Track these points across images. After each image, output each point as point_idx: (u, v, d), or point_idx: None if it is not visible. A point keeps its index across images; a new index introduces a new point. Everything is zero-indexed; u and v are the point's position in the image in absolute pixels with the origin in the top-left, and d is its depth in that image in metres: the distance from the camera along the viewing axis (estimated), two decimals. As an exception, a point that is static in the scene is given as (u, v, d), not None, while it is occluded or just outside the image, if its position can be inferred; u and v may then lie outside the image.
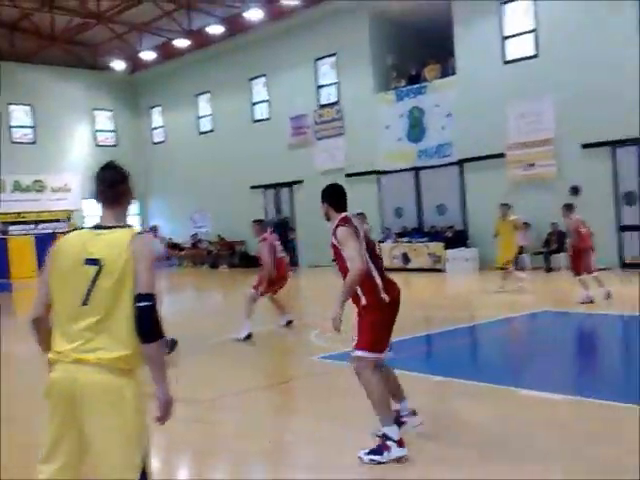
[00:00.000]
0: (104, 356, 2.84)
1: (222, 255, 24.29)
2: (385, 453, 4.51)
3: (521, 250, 14.17)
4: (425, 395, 5.97)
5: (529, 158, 16.66)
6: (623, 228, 15.38)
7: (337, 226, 4.72)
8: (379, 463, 4.49)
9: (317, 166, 21.47)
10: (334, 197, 4.93)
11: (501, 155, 17.15)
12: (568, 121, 15.89)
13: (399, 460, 4.50)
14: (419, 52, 19.68)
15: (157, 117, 28.63)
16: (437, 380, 6.67)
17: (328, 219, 4.90)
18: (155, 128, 28.71)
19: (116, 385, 2.84)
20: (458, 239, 17.86)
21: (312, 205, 18.63)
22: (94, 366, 2.83)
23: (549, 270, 15.90)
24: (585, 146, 15.69)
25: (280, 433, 5.66)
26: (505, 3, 17.22)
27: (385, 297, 4.67)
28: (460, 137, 18.01)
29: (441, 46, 18.78)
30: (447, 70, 18.83)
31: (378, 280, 4.69)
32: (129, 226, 3.06)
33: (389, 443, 4.52)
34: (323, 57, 21.59)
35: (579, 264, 10.94)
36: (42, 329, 3.04)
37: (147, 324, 2.86)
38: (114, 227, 3.01)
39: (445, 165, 18.58)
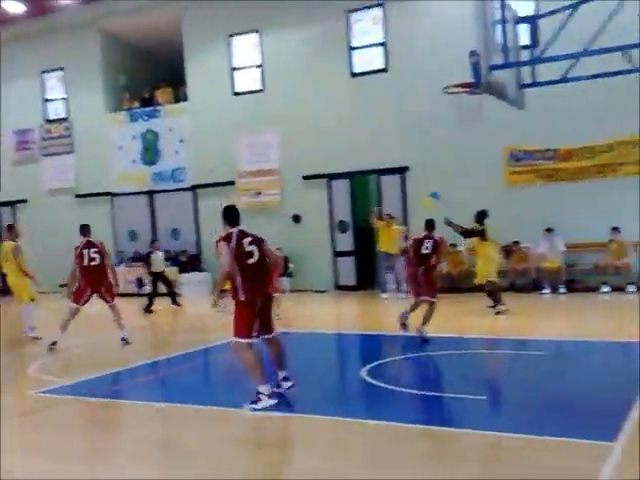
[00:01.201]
0: None
1: None
2: (259, 403, 6.26)
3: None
4: (149, 423, 6.20)
5: (257, 186, 17.72)
6: (337, 254, 17.06)
7: (218, 240, 6.38)
8: (256, 410, 6.23)
9: (44, 184, 20.46)
10: (227, 216, 6.59)
11: (231, 183, 17.99)
12: (291, 153, 17.24)
13: (269, 408, 6.21)
14: (153, 75, 19.86)
15: None
16: (161, 407, 6.89)
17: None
18: None
19: None
20: (192, 263, 18.26)
21: (38, 226, 17.74)
22: None
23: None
24: (305, 177, 17.16)
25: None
26: (232, 36, 18.09)
27: (242, 297, 6.28)
28: (193, 163, 18.52)
29: (174, 71, 19.16)
30: (180, 95, 19.25)
31: (239, 283, 6.25)
32: None
33: (261, 397, 6.27)
34: (50, 70, 20.70)
35: None
36: None
37: None
38: None
39: (179, 190, 18.93)
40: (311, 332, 10.92)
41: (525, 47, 9.95)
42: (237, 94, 18.14)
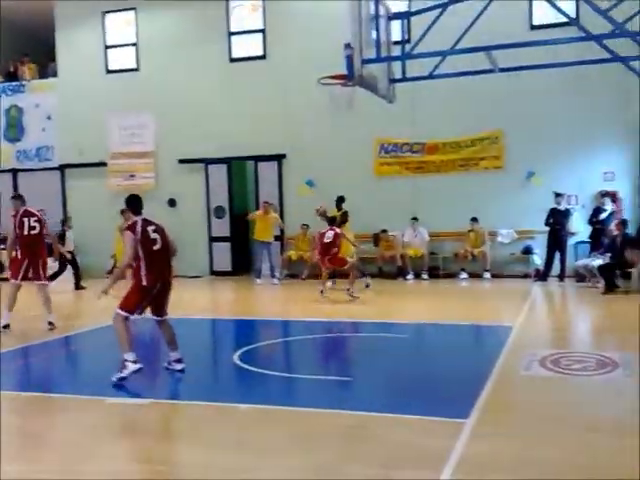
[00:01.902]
0: None
1: None
2: (124, 371, 6.56)
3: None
4: (12, 413, 5.98)
5: (130, 169, 17.27)
6: (213, 239, 16.99)
7: (125, 228, 6.79)
8: (123, 378, 6.55)
9: None
10: (130, 204, 6.94)
11: (103, 164, 17.41)
12: (167, 136, 16.93)
13: (136, 372, 6.56)
14: (19, 49, 18.77)
15: None
16: (28, 396, 6.66)
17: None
18: None
19: None
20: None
21: None
22: None
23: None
24: (181, 161, 16.92)
25: None
26: (107, 13, 17.48)
27: (144, 282, 6.66)
28: (62, 142, 17.75)
29: (43, 46, 18.23)
30: (48, 71, 18.35)
31: (142, 269, 6.64)
32: None
33: (127, 363, 6.56)
34: None
35: None
36: None
37: None
38: None
39: (46, 169, 18.07)
40: (184, 318, 10.85)
41: (397, 43, 10.35)
42: (110, 72, 17.55)
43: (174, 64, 16.88)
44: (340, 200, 14.54)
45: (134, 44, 17.37)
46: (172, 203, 17.03)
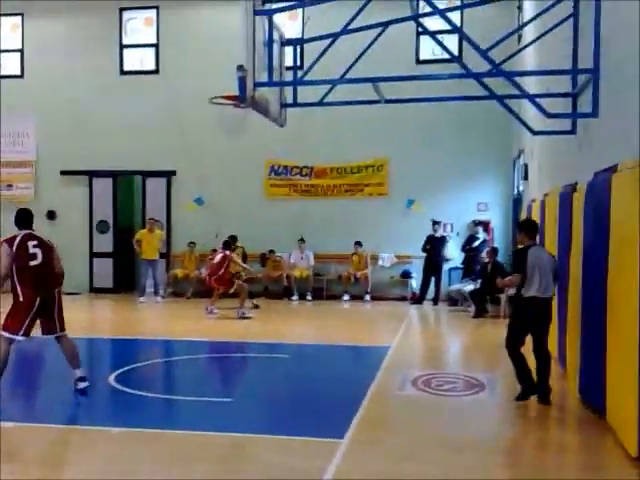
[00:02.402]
0: None
1: None
2: None
3: None
4: None
5: (9, 179, 16.51)
6: (94, 255, 16.47)
7: (3, 240, 6.60)
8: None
9: None
10: (16, 219, 6.80)
11: (-22, 172, 16.56)
12: (50, 146, 16.34)
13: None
14: None
15: None
16: None
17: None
18: None
19: None
20: None
21: None
22: None
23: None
24: (64, 172, 16.36)
25: None
26: (-5, 17, 16.75)
27: (20, 297, 6.50)
28: None
29: None
30: None
31: (17, 284, 6.49)
32: None
33: None
34: None
35: None
36: None
37: None
38: None
39: None
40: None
41: (290, 68, 10.58)
42: (-5, 77, 16.78)
43: (62, 72, 16.38)
44: (233, 239, 14.09)
45: (20, 50, 16.72)
46: (51, 216, 16.41)
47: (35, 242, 6.68)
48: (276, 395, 7.22)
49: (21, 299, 6.54)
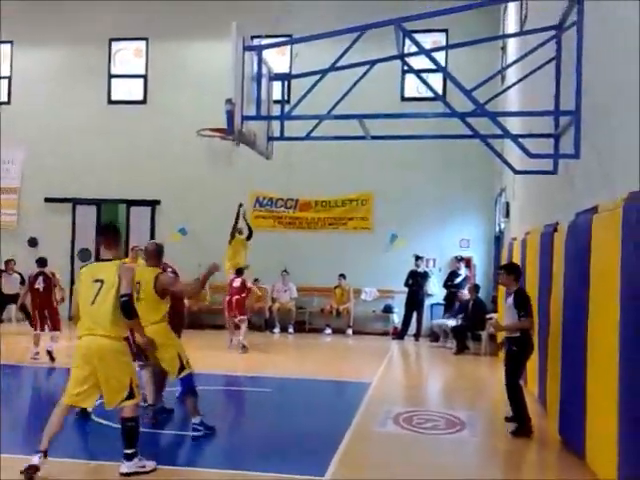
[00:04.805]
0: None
1: None
2: None
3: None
4: None
5: (-9, 204, 16.45)
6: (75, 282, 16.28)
7: None
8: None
9: None
10: None
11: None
12: (35, 173, 16.31)
13: None
14: None
15: None
16: None
17: None
18: None
19: (113, 346, 5.35)
20: None
21: None
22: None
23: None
24: (48, 200, 16.29)
25: None
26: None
27: None
28: None
29: None
30: None
31: None
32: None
33: None
34: None
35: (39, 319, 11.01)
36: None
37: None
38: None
39: None
40: None
41: (277, 102, 10.69)
42: (-23, 104, 16.77)
43: (50, 100, 16.44)
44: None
45: (7, 77, 16.77)
46: (33, 243, 16.28)
47: None
48: (257, 430, 7.14)
49: None
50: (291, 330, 15.18)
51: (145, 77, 16.41)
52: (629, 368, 4.46)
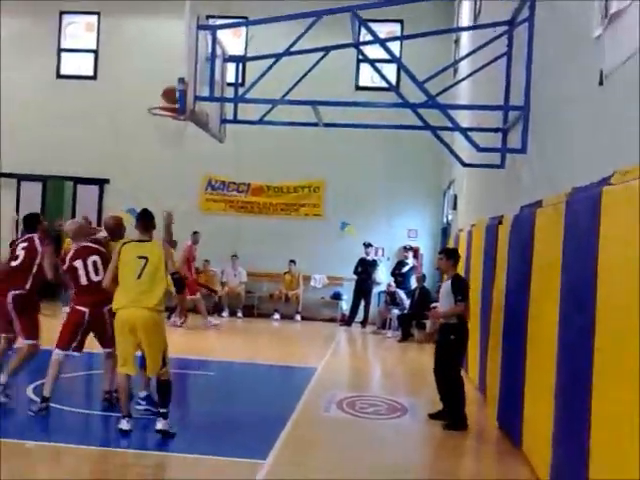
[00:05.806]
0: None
1: None
2: None
3: None
4: None
5: None
6: (18, 259, 15.92)
7: None
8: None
9: None
10: None
11: None
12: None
13: None
14: None
15: None
16: None
17: None
18: None
19: (155, 317, 5.88)
20: None
21: None
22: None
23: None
24: (-6, 175, 15.84)
25: None
26: None
27: None
28: None
29: None
30: None
31: None
32: None
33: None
34: None
35: None
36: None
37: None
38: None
39: None
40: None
41: (231, 84, 10.58)
42: None
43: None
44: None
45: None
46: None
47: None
48: (199, 413, 7.14)
49: None
50: (240, 314, 15.15)
51: (96, 52, 16.04)
52: (566, 359, 4.61)
